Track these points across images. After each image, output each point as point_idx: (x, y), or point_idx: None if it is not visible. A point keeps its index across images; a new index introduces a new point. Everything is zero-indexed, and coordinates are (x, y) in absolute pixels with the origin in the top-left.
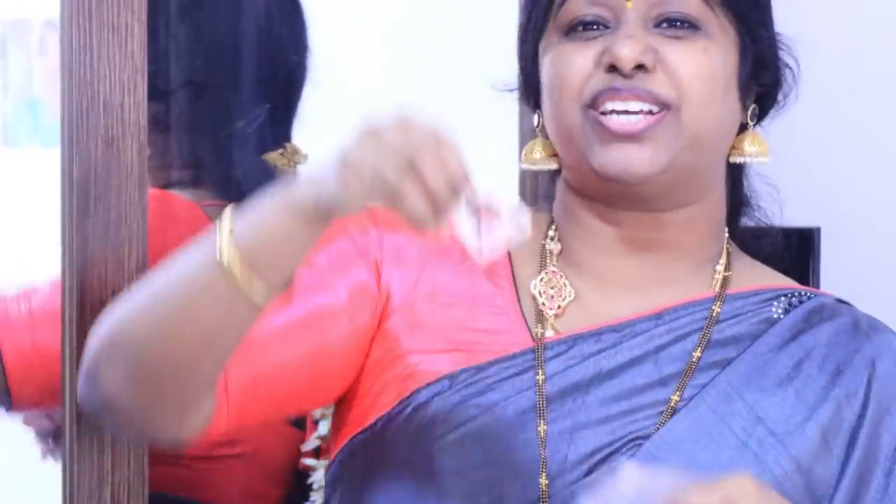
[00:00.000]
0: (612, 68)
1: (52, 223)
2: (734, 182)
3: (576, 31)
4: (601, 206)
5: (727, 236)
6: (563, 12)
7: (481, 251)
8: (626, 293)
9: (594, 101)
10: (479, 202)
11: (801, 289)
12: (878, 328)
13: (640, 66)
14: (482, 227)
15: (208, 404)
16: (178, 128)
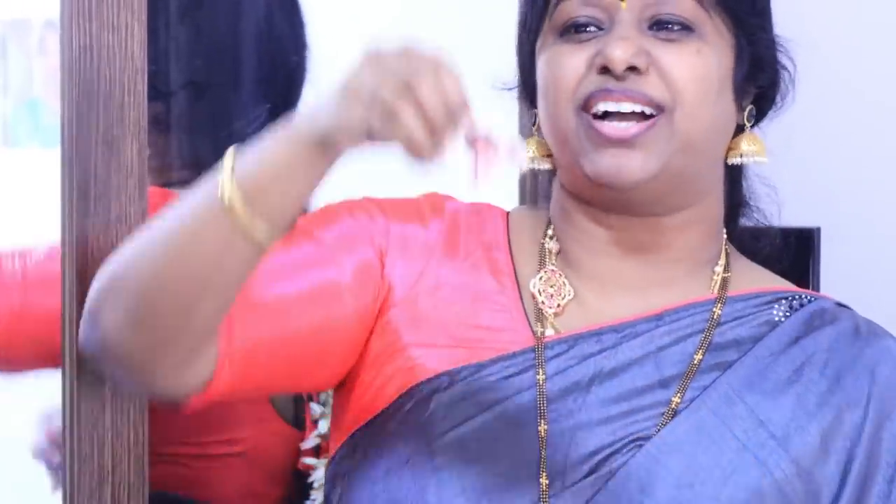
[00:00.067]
0: (604, 70)
1: (52, 223)
2: (732, 183)
3: (570, 32)
4: (596, 210)
5: (725, 237)
6: (558, 13)
7: (476, 179)
8: (624, 294)
9: (587, 102)
10: (478, 132)
11: (801, 291)
12: (878, 333)
13: (633, 68)
14: (479, 157)
15: (208, 358)
16: (179, 128)
